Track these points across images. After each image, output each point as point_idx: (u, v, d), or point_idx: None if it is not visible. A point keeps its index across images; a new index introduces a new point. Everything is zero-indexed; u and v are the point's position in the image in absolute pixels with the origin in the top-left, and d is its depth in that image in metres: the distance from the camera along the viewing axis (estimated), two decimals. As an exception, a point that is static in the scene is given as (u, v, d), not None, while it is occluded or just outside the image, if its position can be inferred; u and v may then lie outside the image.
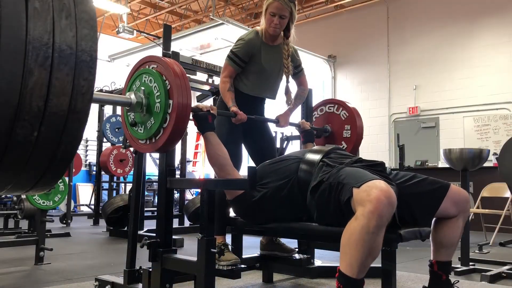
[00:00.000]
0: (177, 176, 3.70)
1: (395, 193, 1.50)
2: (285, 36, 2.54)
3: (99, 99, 1.88)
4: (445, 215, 1.79)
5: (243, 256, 2.44)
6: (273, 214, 1.91)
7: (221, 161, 2.05)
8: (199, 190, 5.98)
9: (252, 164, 2.36)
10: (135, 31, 10.12)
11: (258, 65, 2.49)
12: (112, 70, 10.15)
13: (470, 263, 3.09)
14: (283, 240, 2.58)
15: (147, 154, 5.55)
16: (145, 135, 1.86)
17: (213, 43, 10.08)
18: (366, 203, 1.44)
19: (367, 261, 1.47)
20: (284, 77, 2.60)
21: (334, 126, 2.88)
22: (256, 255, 2.56)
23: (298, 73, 2.72)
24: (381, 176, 1.65)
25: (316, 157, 1.88)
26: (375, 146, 9.37)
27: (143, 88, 1.84)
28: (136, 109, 1.83)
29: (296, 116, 3.03)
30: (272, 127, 2.74)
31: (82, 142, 10.90)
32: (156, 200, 8.87)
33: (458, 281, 1.92)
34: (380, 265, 1.70)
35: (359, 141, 2.83)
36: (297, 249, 2.78)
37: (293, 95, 2.68)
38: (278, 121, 2.61)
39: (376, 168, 1.76)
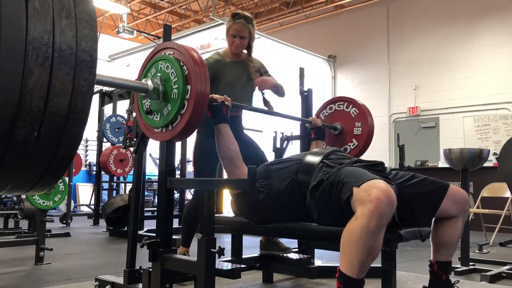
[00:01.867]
0: (177, 176, 3.70)
1: (394, 193, 1.50)
2: (248, 53, 2.84)
3: (114, 83, 1.78)
4: (445, 215, 1.80)
5: (243, 256, 2.44)
6: (274, 214, 1.91)
7: (232, 155, 2.02)
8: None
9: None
10: (135, 31, 10.12)
11: (226, 81, 2.68)
12: (112, 70, 10.15)
13: (470, 263, 3.09)
14: (283, 240, 2.59)
15: (147, 154, 5.54)
16: (161, 122, 1.80)
17: (213, 43, 10.07)
18: (366, 203, 1.44)
19: (367, 261, 1.47)
20: (256, 89, 2.82)
21: (344, 124, 2.85)
22: (256, 255, 2.56)
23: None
24: (381, 176, 1.65)
25: (316, 159, 1.88)
26: (375, 146, 9.31)
27: (159, 74, 1.79)
28: (152, 96, 1.78)
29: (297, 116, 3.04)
30: (272, 126, 2.77)
31: (82, 142, 10.90)
32: (156, 200, 8.87)
33: (458, 281, 1.92)
34: (380, 265, 1.70)
35: (370, 138, 2.80)
36: (296, 249, 2.78)
37: (272, 103, 2.88)
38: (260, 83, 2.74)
39: (376, 168, 1.76)
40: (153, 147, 7.05)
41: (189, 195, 9.39)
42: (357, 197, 1.50)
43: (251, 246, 2.81)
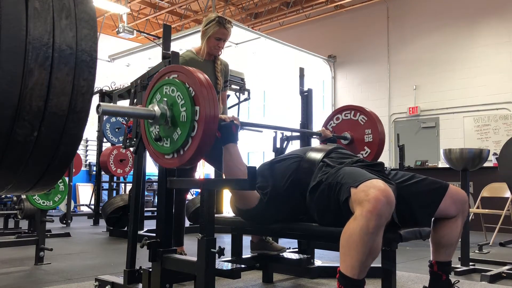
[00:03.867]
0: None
1: (393, 192, 1.50)
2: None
3: (120, 112, 1.79)
4: (444, 215, 1.80)
5: (243, 256, 2.44)
6: (274, 215, 1.90)
7: (239, 175, 1.90)
8: (199, 190, 5.98)
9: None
10: (135, 31, 10.12)
11: None
12: (112, 70, 10.15)
13: (470, 263, 3.09)
14: (281, 241, 2.59)
15: (147, 154, 5.54)
16: (172, 148, 1.74)
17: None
18: (364, 203, 1.44)
19: (367, 261, 1.47)
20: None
21: (354, 133, 2.77)
22: (256, 255, 2.56)
23: (224, 87, 2.97)
24: (380, 176, 1.65)
25: (317, 156, 1.87)
26: (375, 146, 9.37)
27: (165, 99, 1.74)
28: (160, 121, 1.73)
29: (295, 117, 3.04)
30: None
31: (82, 142, 10.90)
32: (156, 200, 8.87)
33: (459, 281, 1.92)
34: (380, 265, 1.70)
35: (382, 144, 2.71)
36: (296, 249, 2.78)
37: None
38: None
39: (375, 168, 1.76)
40: (153, 147, 7.03)
41: (189, 195, 9.39)
42: (355, 198, 1.50)
43: (251, 246, 2.81)
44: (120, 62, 10.88)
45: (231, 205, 2.10)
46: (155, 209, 5.28)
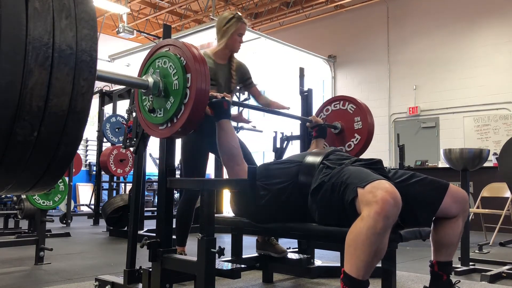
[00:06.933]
0: (178, 176, 3.70)
1: None
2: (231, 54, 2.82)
3: (114, 79, 1.77)
4: (445, 215, 1.79)
5: (243, 256, 2.44)
6: (274, 215, 1.90)
7: (233, 151, 2.01)
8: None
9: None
10: (135, 31, 10.12)
11: (217, 84, 2.70)
12: (112, 70, 10.14)
13: (470, 263, 3.09)
14: (281, 241, 2.59)
15: (147, 154, 5.53)
16: (165, 117, 1.80)
17: (213, 43, 10.08)
18: (372, 204, 1.43)
19: (373, 262, 1.47)
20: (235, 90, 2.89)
21: (344, 122, 2.85)
22: (256, 255, 2.56)
23: (249, 85, 2.93)
24: (381, 175, 1.65)
25: (316, 159, 1.87)
26: (375, 146, 9.32)
27: (158, 71, 1.82)
28: (153, 91, 1.79)
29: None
30: (272, 126, 2.78)
31: (82, 142, 10.90)
32: (156, 200, 8.86)
33: (459, 281, 1.92)
34: (380, 265, 1.70)
35: (372, 130, 2.80)
36: (296, 249, 2.78)
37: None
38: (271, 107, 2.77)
39: (376, 166, 1.76)
40: (153, 147, 7.05)
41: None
42: (363, 198, 1.49)
43: (251, 246, 2.81)
44: (120, 62, 10.87)
45: (231, 204, 2.10)
46: (155, 209, 5.28)
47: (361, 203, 1.49)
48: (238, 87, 3.01)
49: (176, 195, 6.10)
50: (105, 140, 6.52)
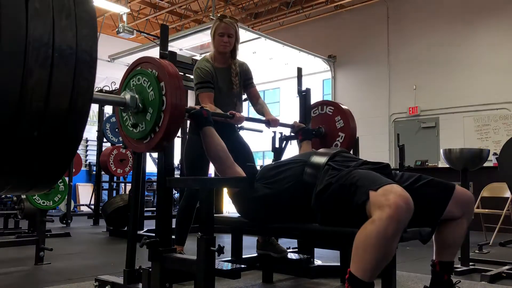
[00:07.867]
0: (177, 175, 3.70)
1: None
2: (232, 57, 2.81)
3: (94, 99, 1.85)
4: (450, 216, 1.78)
5: (243, 256, 2.44)
6: (275, 215, 1.90)
7: (220, 154, 2.05)
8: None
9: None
10: (135, 31, 10.13)
11: (216, 88, 2.71)
12: (112, 70, 10.15)
13: (470, 263, 3.09)
14: (281, 241, 2.59)
15: (147, 154, 5.54)
16: (146, 130, 1.86)
17: (213, 43, 10.08)
18: (385, 208, 1.42)
19: (380, 265, 1.47)
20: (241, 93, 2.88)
21: (326, 125, 2.91)
22: (256, 255, 2.56)
23: (248, 85, 2.91)
24: (389, 179, 1.64)
25: (321, 160, 1.85)
26: (375, 146, 9.36)
27: (137, 88, 1.89)
28: (131, 106, 1.86)
29: (294, 117, 3.04)
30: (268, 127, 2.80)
31: (82, 142, 10.90)
32: (156, 200, 8.87)
33: (460, 281, 1.92)
34: (380, 265, 1.70)
35: (354, 125, 2.85)
36: (296, 249, 2.78)
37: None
38: (268, 122, 2.74)
39: (384, 170, 1.75)
40: (153, 147, 7.03)
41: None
42: (375, 201, 1.48)
43: (251, 246, 2.81)
44: (120, 62, 10.87)
45: (235, 206, 2.09)
46: (155, 209, 5.28)
47: (373, 206, 1.48)
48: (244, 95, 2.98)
49: (176, 195, 6.10)
50: (105, 140, 6.52)
